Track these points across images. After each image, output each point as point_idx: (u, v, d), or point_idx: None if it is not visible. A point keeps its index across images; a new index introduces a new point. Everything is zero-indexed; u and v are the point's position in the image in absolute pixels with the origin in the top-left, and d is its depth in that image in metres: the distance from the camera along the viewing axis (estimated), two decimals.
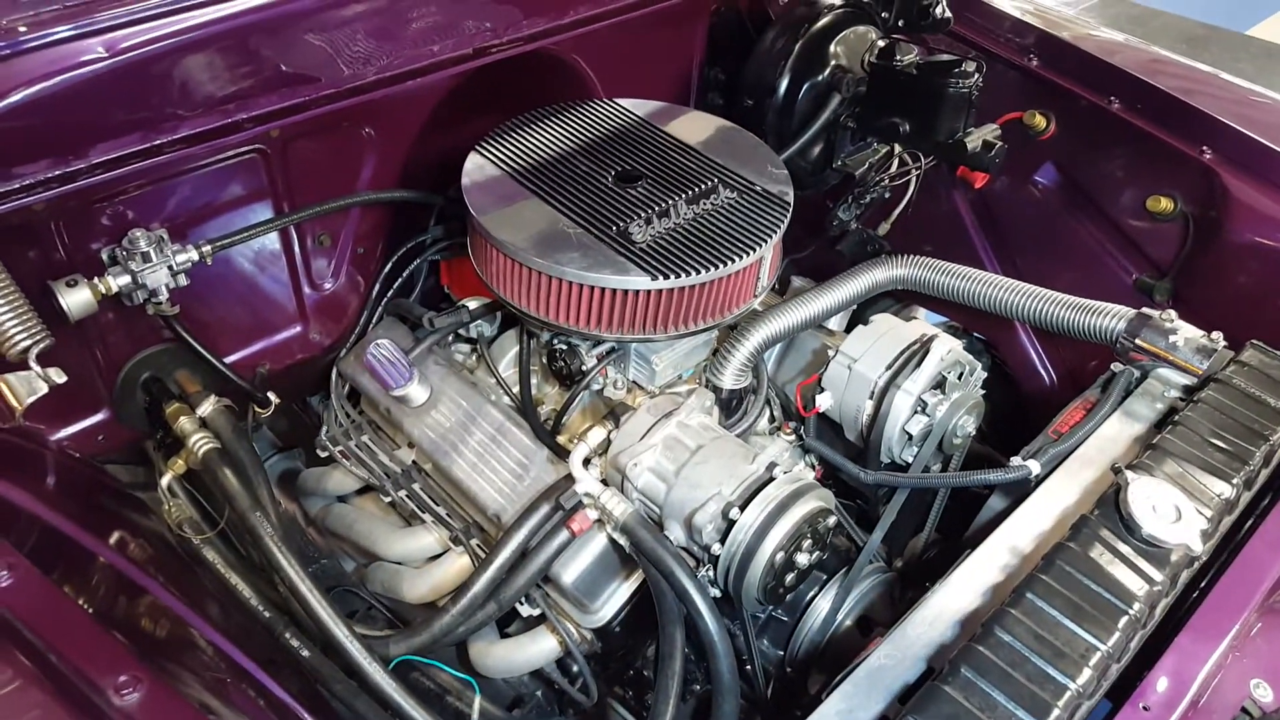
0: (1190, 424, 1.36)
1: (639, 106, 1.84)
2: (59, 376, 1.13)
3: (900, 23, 2.12)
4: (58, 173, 1.32)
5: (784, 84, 1.95)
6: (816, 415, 1.69)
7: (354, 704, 1.36)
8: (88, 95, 1.31)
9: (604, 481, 1.49)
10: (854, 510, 1.79)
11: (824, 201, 2.14)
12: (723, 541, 1.37)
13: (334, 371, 1.85)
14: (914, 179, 2.12)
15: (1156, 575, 1.17)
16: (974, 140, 1.88)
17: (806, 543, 1.39)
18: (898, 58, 1.91)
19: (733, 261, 1.50)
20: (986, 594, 1.24)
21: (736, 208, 1.61)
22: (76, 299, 1.37)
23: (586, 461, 1.52)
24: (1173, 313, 1.54)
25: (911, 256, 1.75)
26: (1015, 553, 1.30)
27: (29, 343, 1.11)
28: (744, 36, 2.06)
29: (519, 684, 1.82)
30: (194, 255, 1.49)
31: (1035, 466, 1.42)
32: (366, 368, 1.71)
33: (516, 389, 1.74)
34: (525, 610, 1.61)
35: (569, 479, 1.49)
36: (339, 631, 1.40)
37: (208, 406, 1.58)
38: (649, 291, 1.48)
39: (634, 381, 1.71)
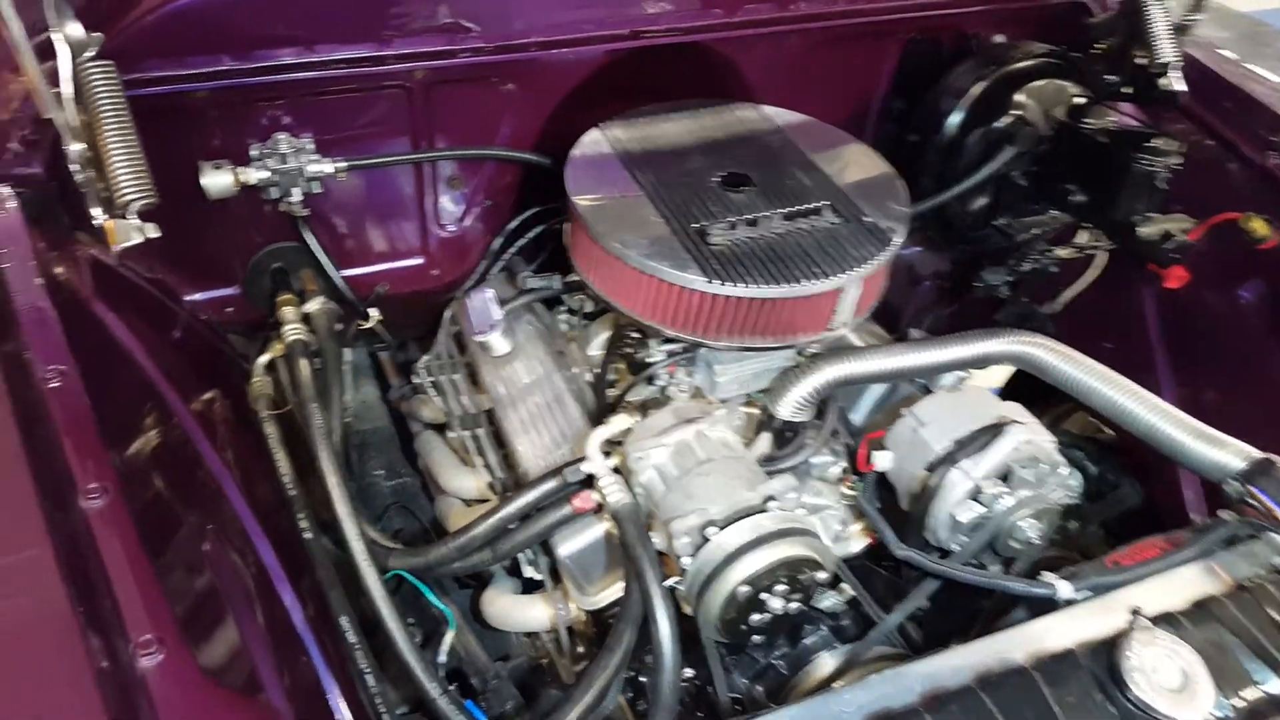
0: (1263, 596, 1.12)
1: (781, 116, 1.79)
2: (154, 231, 1.31)
3: (1128, 90, 1.90)
4: (221, 68, 1.52)
5: (954, 123, 1.82)
6: (876, 473, 1.57)
7: (328, 593, 1.45)
8: (257, 5, 1.49)
9: (617, 470, 1.48)
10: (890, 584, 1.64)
11: (982, 260, 1.97)
12: (694, 557, 1.32)
13: (448, 310, 1.98)
14: (1094, 261, 1.90)
15: None
16: (1151, 228, 1.65)
17: (781, 587, 1.30)
18: (1089, 119, 1.72)
19: (800, 284, 1.43)
20: (928, 693, 1.09)
21: (832, 233, 1.53)
22: (217, 181, 1.59)
23: (613, 444, 1.51)
24: None
25: (1029, 334, 1.55)
26: (1001, 662, 1.13)
27: (134, 196, 1.29)
28: (935, 70, 1.94)
29: (527, 645, 1.85)
30: (328, 168, 1.66)
31: (1065, 589, 1.23)
32: (463, 310, 1.81)
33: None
34: (528, 572, 1.64)
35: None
36: (350, 526, 1.47)
37: (314, 305, 1.75)
38: (703, 294, 1.45)
39: (698, 388, 1.68)
